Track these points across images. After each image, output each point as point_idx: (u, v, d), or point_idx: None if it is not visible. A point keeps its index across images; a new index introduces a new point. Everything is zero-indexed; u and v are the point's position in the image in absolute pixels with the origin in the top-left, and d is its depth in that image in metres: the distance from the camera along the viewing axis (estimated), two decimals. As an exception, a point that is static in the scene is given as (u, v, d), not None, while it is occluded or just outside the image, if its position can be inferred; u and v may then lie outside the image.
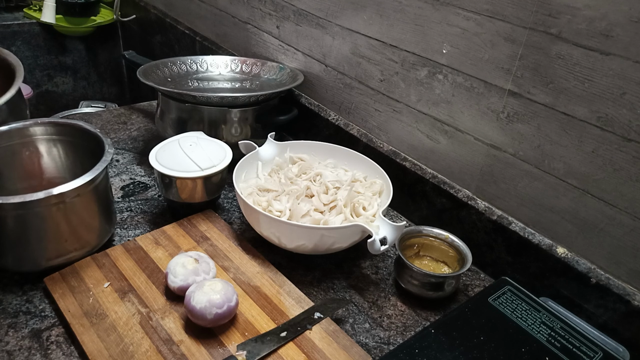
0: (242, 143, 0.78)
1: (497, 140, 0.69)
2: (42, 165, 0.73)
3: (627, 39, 0.53)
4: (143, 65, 0.96)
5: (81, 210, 0.62)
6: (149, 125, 1.06)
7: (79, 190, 0.60)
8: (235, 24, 1.17)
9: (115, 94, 1.92)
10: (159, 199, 0.81)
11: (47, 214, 0.59)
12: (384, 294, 0.68)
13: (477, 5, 0.65)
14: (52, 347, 0.55)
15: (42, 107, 1.76)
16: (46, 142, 0.72)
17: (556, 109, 0.61)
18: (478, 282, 0.72)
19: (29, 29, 1.65)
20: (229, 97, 0.85)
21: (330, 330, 0.58)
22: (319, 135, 0.98)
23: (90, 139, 0.70)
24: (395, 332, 0.62)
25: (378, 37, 0.81)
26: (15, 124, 0.69)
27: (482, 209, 0.72)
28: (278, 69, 1.03)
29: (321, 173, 0.76)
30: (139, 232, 0.73)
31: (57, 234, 0.61)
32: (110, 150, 0.65)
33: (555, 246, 0.65)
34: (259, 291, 0.63)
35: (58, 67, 1.76)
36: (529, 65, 0.62)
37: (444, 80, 0.73)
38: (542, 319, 0.59)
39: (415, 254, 0.71)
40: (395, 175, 0.80)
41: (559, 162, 0.63)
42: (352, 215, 0.70)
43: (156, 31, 1.53)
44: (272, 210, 0.69)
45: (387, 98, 0.83)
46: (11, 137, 0.69)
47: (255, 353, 0.54)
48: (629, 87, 0.54)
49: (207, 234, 0.71)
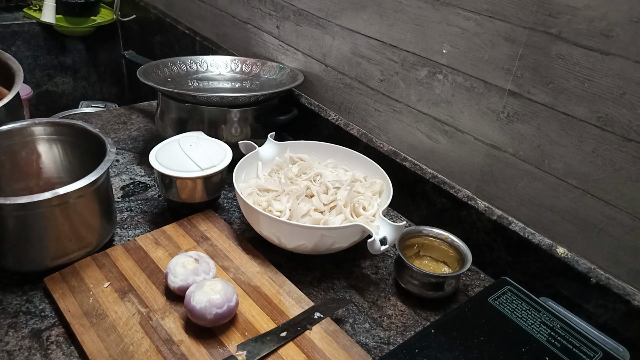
0: (242, 143, 0.78)
1: (497, 140, 0.69)
2: (41, 165, 0.73)
3: (627, 39, 0.53)
4: (143, 65, 0.96)
5: (83, 210, 0.62)
6: (149, 125, 1.06)
7: (82, 190, 0.60)
8: (235, 24, 1.17)
9: (115, 94, 1.92)
10: (159, 199, 0.81)
11: (50, 214, 0.59)
12: (384, 294, 0.68)
13: (477, 5, 0.65)
14: (52, 347, 0.55)
15: (42, 107, 1.76)
16: (46, 142, 0.72)
17: (556, 109, 0.61)
18: (478, 282, 0.72)
19: (29, 29, 1.65)
20: (229, 97, 0.85)
21: (330, 330, 0.58)
22: (319, 135, 0.98)
23: (90, 139, 0.70)
24: (395, 332, 0.62)
25: (378, 37, 0.81)
26: (14, 124, 0.69)
27: (482, 209, 0.72)
28: (278, 69, 1.03)
29: (321, 173, 0.76)
30: (139, 232, 0.73)
31: (59, 235, 0.61)
32: (112, 150, 0.65)
33: (555, 246, 0.65)
34: (259, 291, 0.63)
35: (58, 67, 1.76)
36: (529, 65, 0.62)
37: (444, 80, 0.73)
38: (542, 319, 0.59)
39: (415, 254, 0.71)
40: (395, 175, 0.80)
41: (559, 162, 0.63)
42: (352, 215, 0.70)
43: (156, 31, 1.53)
44: (272, 210, 0.69)
45: (387, 98, 0.83)
46: (11, 137, 0.69)
47: (255, 353, 0.54)
48: (629, 87, 0.54)
49: (207, 234, 0.71)
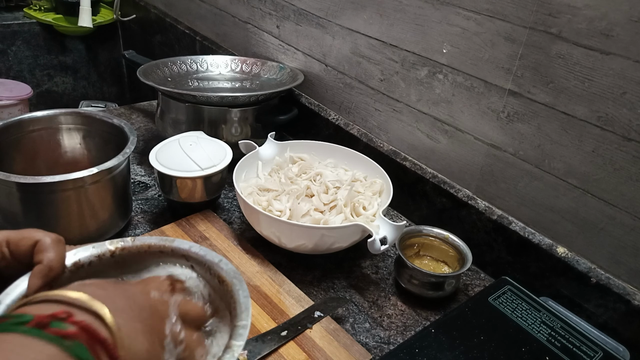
0: (242, 143, 0.78)
1: (497, 139, 0.69)
2: (62, 154, 0.75)
3: (627, 39, 0.53)
4: (143, 65, 0.96)
5: (100, 196, 0.65)
6: (149, 125, 1.06)
7: (98, 176, 0.62)
8: (235, 24, 1.17)
9: (115, 93, 1.92)
10: (159, 198, 0.81)
11: (70, 196, 0.61)
12: (384, 293, 0.68)
13: (477, 5, 0.65)
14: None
15: (42, 107, 1.76)
16: (67, 131, 0.74)
17: (556, 108, 0.61)
18: (478, 281, 0.72)
19: (29, 28, 1.64)
20: (229, 96, 0.85)
21: (330, 329, 0.58)
22: (319, 135, 0.98)
23: (114, 130, 0.72)
24: (395, 331, 0.62)
25: (378, 37, 0.81)
26: (42, 112, 0.72)
27: (482, 208, 0.72)
28: (278, 68, 1.03)
29: (321, 173, 0.76)
30: (139, 232, 0.73)
31: (71, 220, 0.63)
32: (134, 139, 0.68)
33: (555, 246, 0.65)
34: (258, 290, 0.63)
35: (58, 67, 1.76)
36: (529, 64, 0.62)
37: (444, 80, 0.73)
38: (542, 318, 0.59)
39: (416, 253, 0.71)
40: (396, 175, 0.80)
41: (559, 162, 0.62)
42: (352, 214, 0.70)
43: (156, 31, 1.53)
44: (272, 209, 0.69)
45: (387, 98, 0.83)
46: (39, 123, 0.72)
47: (256, 352, 0.54)
48: (629, 86, 0.54)
49: (205, 234, 0.71)
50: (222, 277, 0.39)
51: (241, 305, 0.36)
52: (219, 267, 0.39)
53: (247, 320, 0.35)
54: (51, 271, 0.35)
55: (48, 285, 0.35)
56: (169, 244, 0.41)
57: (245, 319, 0.35)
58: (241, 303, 0.36)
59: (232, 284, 0.38)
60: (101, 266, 0.40)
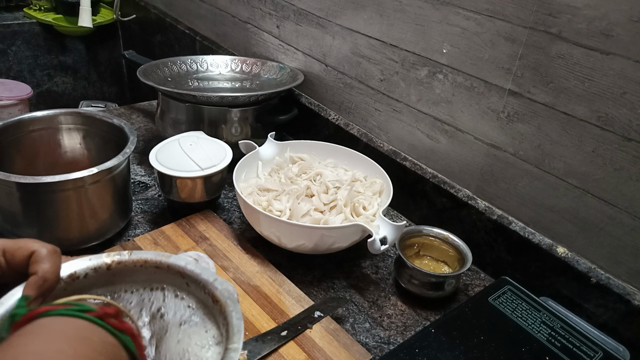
0: (242, 143, 0.78)
1: (497, 139, 0.69)
2: (62, 154, 0.75)
3: (627, 39, 0.53)
4: (143, 65, 0.96)
5: (100, 196, 0.65)
6: (149, 125, 1.06)
7: (98, 176, 0.62)
8: (235, 24, 1.17)
9: (115, 93, 1.92)
10: (159, 198, 0.81)
11: (70, 196, 0.61)
12: (384, 293, 0.68)
13: (477, 5, 0.65)
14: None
15: (42, 107, 1.76)
16: (68, 131, 0.74)
17: (556, 108, 0.61)
18: (478, 281, 0.72)
19: (29, 28, 1.64)
20: (229, 96, 0.85)
21: (330, 328, 0.58)
22: (319, 135, 0.98)
23: (114, 131, 0.72)
24: (395, 331, 0.62)
25: (378, 37, 0.81)
26: (42, 112, 0.72)
27: (482, 208, 0.72)
28: (278, 68, 1.03)
29: (321, 173, 0.76)
30: (139, 232, 0.73)
31: (71, 220, 0.63)
32: (134, 139, 0.68)
33: (555, 246, 0.65)
34: (258, 290, 0.63)
35: (58, 67, 1.76)
36: (529, 64, 0.62)
37: (444, 80, 0.73)
38: (542, 318, 0.59)
39: (416, 253, 0.71)
40: (396, 175, 0.80)
41: (559, 162, 0.62)
42: (352, 214, 0.70)
43: (156, 31, 1.53)
44: (272, 209, 0.69)
45: (387, 98, 0.83)
46: (39, 123, 0.72)
47: (256, 352, 0.54)
48: (629, 86, 0.54)
49: (205, 234, 0.71)
50: (216, 297, 0.39)
51: (234, 328, 0.36)
52: (213, 287, 0.39)
53: (239, 343, 0.35)
54: (45, 282, 0.35)
55: (42, 296, 0.35)
56: (165, 260, 0.41)
57: (237, 342, 0.35)
58: (234, 325, 0.36)
59: (226, 304, 0.38)
60: (96, 278, 0.40)
